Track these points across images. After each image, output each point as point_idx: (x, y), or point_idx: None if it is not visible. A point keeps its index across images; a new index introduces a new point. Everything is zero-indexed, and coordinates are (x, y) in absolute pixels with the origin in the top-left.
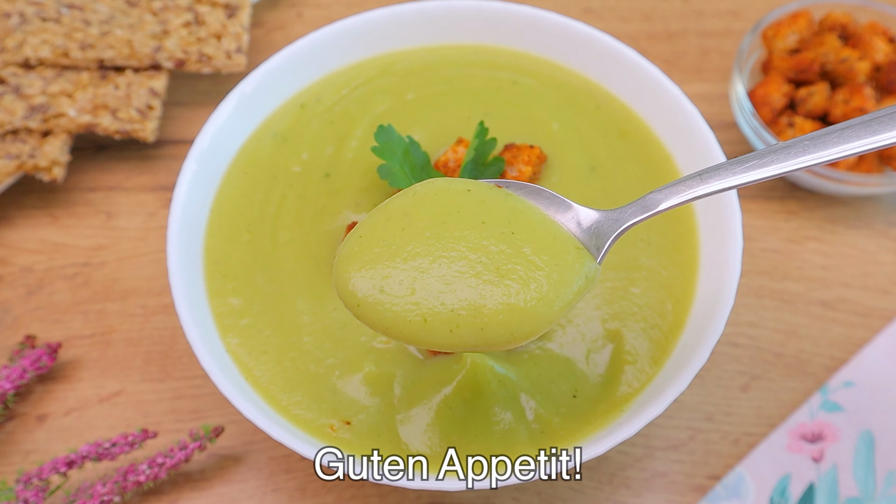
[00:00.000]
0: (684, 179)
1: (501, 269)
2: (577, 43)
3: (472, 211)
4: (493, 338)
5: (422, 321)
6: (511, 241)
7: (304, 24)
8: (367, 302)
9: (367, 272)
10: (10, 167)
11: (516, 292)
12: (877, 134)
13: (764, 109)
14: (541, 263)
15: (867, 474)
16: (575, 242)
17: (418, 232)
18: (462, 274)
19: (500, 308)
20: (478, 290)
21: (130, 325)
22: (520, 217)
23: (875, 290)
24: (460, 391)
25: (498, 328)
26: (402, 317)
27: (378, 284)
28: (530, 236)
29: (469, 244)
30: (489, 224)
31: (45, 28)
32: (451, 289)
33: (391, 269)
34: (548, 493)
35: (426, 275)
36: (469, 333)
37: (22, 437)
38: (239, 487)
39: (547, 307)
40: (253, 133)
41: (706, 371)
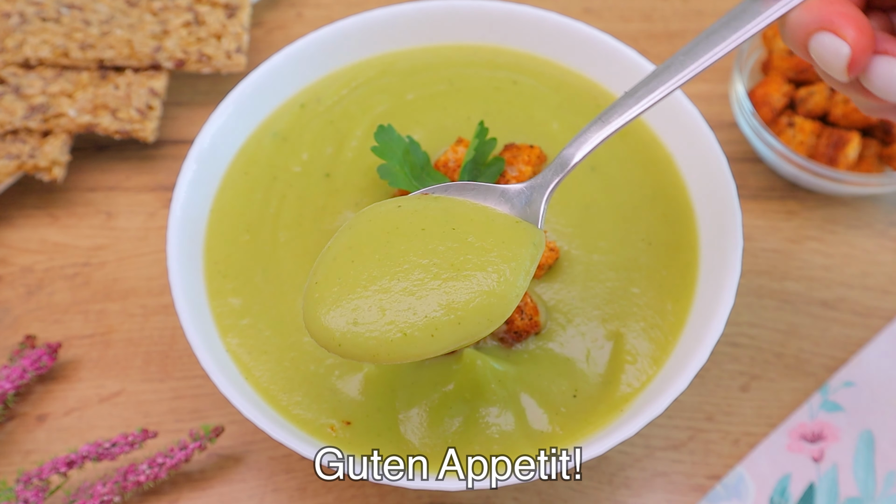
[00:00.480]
0: (587, 128)
1: (456, 263)
2: (577, 43)
3: (409, 223)
4: (473, 328)
5: (402, 336)
6: (455, 237)
7: (304, 24)
8: (346, 338)
9: (335, 312)
10: (10, 167)
11: (478, 279)
12: (737, 30)
13: (764, 109)
14: (489, 246)
15: (867, 474)
16: (512, 219)
17: (367, 259)
18: (422, 281)
19: (468, 298)
20: (442, 290)
21: (130, 325)
22: (455, 214)
23: (875, 289)
24: (460, 391)
25: (474, 318)
26: (383, 339)
27: (350, 318)
28: (470, 227)
29: (417, 252)
30: (429, 229)
31: (45, 28)
32: (417, 298)
33: (356, 301)
34: (548, 493)
35: (390, 293)
36: (449, 332)
37: (22, 437)
38: (239, 487)
39: (509, 283)
40: (253, 133)
41: (706, 371)
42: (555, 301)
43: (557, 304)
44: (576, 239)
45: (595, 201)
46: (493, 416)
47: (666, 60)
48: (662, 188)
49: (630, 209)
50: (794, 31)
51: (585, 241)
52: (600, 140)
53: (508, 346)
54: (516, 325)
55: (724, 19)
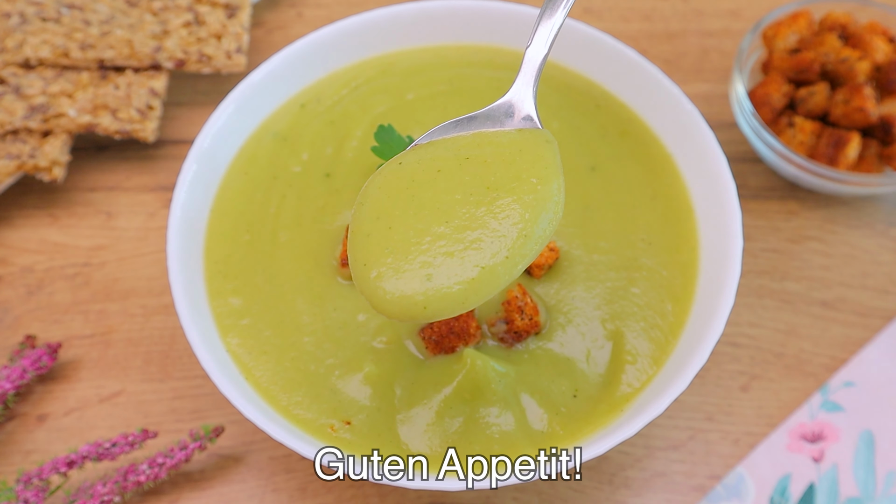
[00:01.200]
0: (537, 22)
1: (490, 185)
2: (577, 43)
3: (422, 171)
4: (539, 234)
5: (482, 270)
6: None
7: (304, 24)
8: (430, 297)
9: (404, 279)
10: (10, 167)
11: (519, 188)
12: None
13: (764, 109)
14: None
15: (867, 474)
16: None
17: (403, 219)
18: (469, 213)
19: (522, 209)
20: (494, 212)
21: (130, 325)
22: (459, 146)
23: (875, 289)
24: (460, 391)
25: (535, 225)
26: (466, 280)
27: (422, 276)
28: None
29: (448, 191)
30: (444, 168)
31: (45, 28)
32: (474, 229)
33: (419, 258)
34: (548, 493)
35: (446, 238)
36: (520, 246)
37: (22, 437)
38: (239, 487)
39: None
40: (253, 133)
41: (706, 371)
42: (555, 301)
43: (557, 304)
44: (576, 239)
45: (595, 201)
46: (494, 416)
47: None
48: (662, 188)
49: (630, 209)
50: None
51: (585, 241)
52: (557, 28)
53: (508, 346)
54: (516, 325)
55: None
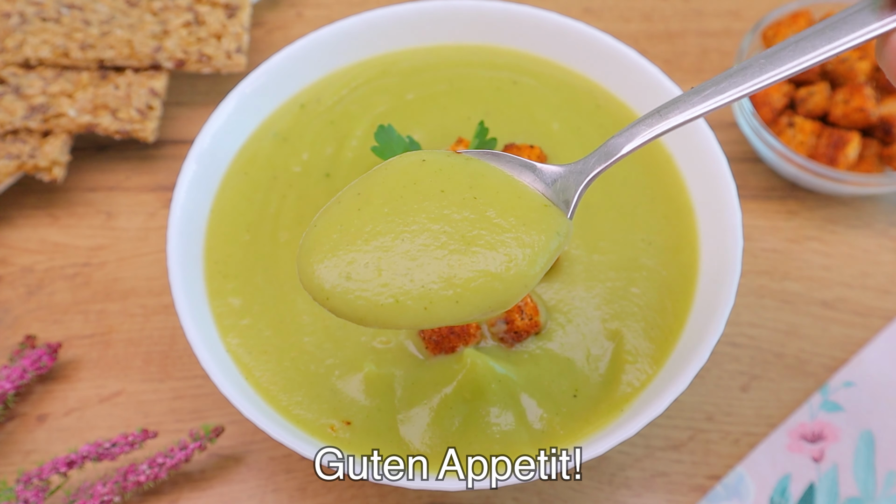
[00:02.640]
0: (643, 119)
1: (467, 236)
2: (577, 43)
3: (430, 181)
4: (470, 309)
5: (394, 302)
6: (474, 207)
7: (304, 24)
8: (335, 292)
9: (329, 261)
10: (10, 167)
11: (485, 258)
12: (832, 41)
13: (764, 109)
14: (507, 225)
15: (867, 474)
16: (542, 200)
17: (375, 210)
18: (427, 247)
19: (470, 276)
20: (446, 262)
21: (130, 325)
22: (481, 181)
23: (875, 289)
24: (460, 391)
25: (473, 299)
26: (373, 301)
27: (343, 272)
28: (493, 199)
29: (430, 215)
30: (449, 192)
31: (45, 28)
32: (418, 264)
33: (354, 254)
34: (548, 493)
35: (390, 253)
36: (444, 308)
37: (22, 437)
38: (239, 487)
39: (520, 270)
40: (253, 133)
41: (706, 371)
42: (555, 301)
43: (557, 304)
44: (576, 239)
45: (595, 201)
46: (494, 416)
47: (744, 62)
48: (662, 188)
49: (630, 209)
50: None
51: (585, 241)
52: (654, 135)
53: (508, 346)
54: (516, 325)
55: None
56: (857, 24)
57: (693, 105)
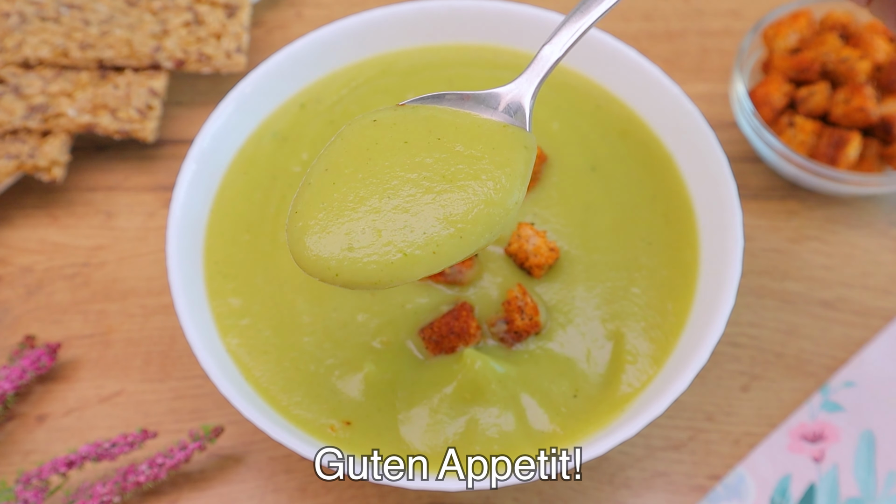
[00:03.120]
0: (565, 22)
1: (447, 175)
2: (577, 43)
3: (389, 136)
4: (475, 239)
5: (403, 257)
6: (442, 147)
7: (304, 23)
8: (343, 266)
9: (325, 239)
10: (9, 167)
11: (473, 188)
12: None
13: (764, 109)
14: (479, 154)
15: (868, 474)
16: (498, 123)
17: (350, 179)
18: (414, 196)
19: (467, 209)
20: (438, 203)
21: (130, 325)
22: (436, 123)
23: (875, 289)
24: (460, 391)
25: (475, 228)
26: (383, 262)
27: (343, 243)
28: (456, 135)
29: (404, 167)
30: (412, 141)
31: (45, 28)
32: (412, 214)
33: (347, 224)
34: (548, 493)
35: (382, 213)
36: (452, 246)
37: (22, 438)
38: (239, 488)
39: (506, 189)
40: (253, 133)
41: (706, 371)
42: (555, 301)
43: (558, 304)
44: (576, 239)
45: (595, 201)
46: (494, 416)
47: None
48: (662, 188)
49: (630, 209)
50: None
51: (585, 241)
52: (579, 32)
53: (509, 346)
54: (516, 325)
55: None
56: None
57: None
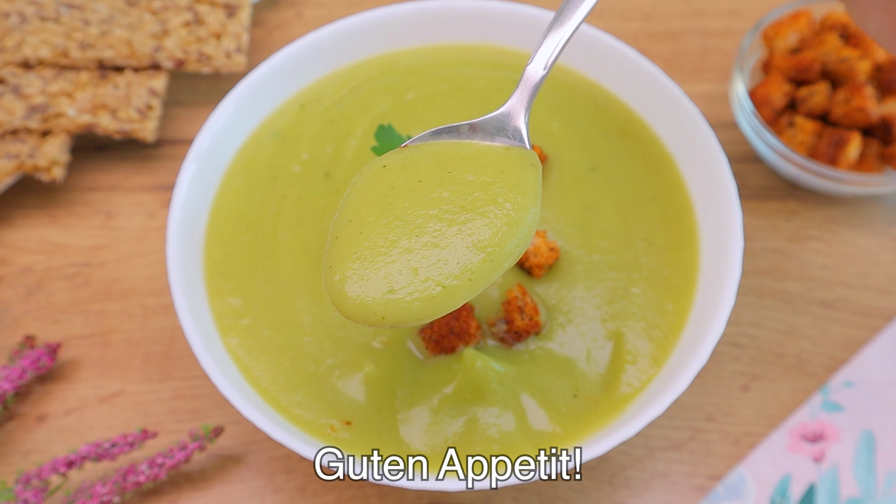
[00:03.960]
0: (545, 36)
1: (466, 204)
2: (577, 43)
3: (402, 178)
4: (504, 259)
5: (443, 290)
6: (454, 179)
7: (304, 23)
8: (388, 308)
9: (365, 286)
10: (9, 167)
11: (494, 212)
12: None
13: (764, 109)
14: (491, 180)
15: (868, 474)
16: (499, 147)
17: (375, 226)
18: (440, 231)
19: (493, 233)
20: (465, 233)
21: (130, 325)
22: (444, 157)
23: (876, 289)
24: (460, 391)
25: (503, 249)
26: (425, 297)
27: (384, 288)
28: (464, 165)
29: (424, 204)
30: (425, 179)
31: (45, 28)
32: (443, 248)
33: (384, 268)
34: (548, 494)
35: (414, 252)
36: (485, 271)
37: (22, 438)
38: (239, 487)
39: (524, 208)
40: (253, 133)
41: (707, 371)
42: (555, 301)
43: (558, 304)
44: (576, 239)
45: (595, 201)
46: (494, 416)
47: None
48: (662, 188)
49: (630, 209)
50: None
51: (585, 241)
52: (561, 44)
53: (509, 346)
54: (516, 325)
55: None
56: None
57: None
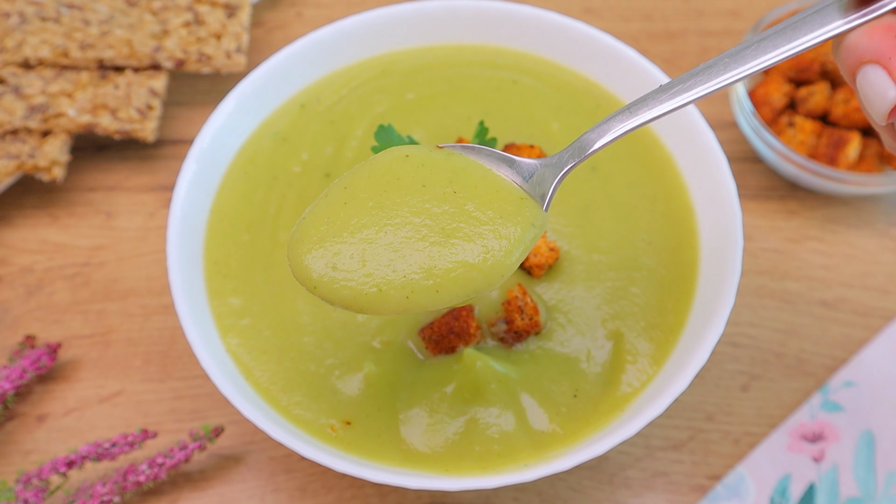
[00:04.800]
0: (615, 115)
1: (447, 229)
2: (577, 43)
3: (412, 176)
4: (450, 297)
5: (377, 291)
6: (454, 201)
7: (304, 23)
8: (323, 281)
9: (317, 252)
10: (10, 167)
11: (464, 250)
12: (792, 41)
13: (764, 109)
14: (485, 218)
15: (868, 474)
16: (519, 193)
17: (360, 204)
18: (409, 239)
19: (450, 267)
20: (426, 253)
21: (130, 325)
22: (461, 175)
23: (875, 289)
24: (460, 391)
25: (452, 287)
26: (358, 290)
27: (330, 262)
28: (472, 193)
29: (412, 209)
30: (430, 186)
31: (45, 28)
32: (400, 255)
33: (340, 245)
34: (548, 493)
35: (374, 245)
36: (425, 296)
37: (22, 437)
38: (239, 487)
39: (496, 261)
40: (253, 133)
41: (706, 371)
42: (555, 301)
43: (558, 304)
44: (576, 239)
45: (595, 201)
46: (494, 416)
47: (710, 60)
48: (662, 188)
49: (630, 209)
50: (848, 54)
51: (585, 241)
52: (625, 130)
53: (508, 346)
54: (516, 325)
55: (780, 27)
56: (822, 21)
57: (660, 102)
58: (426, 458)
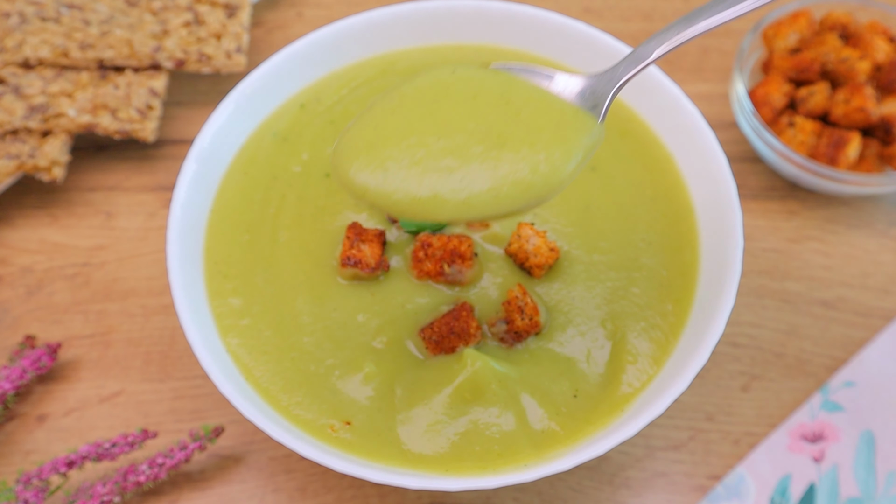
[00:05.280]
0: (672, 26)
1: (503, 134)
2: (577, 43)
3: (463, 87)
4: (509, 203)
5: (432, 196)
6: (507, 110)
7: (304, 23)
8: (371, 186)
9: (366, 157)
10: (10, 167)
11: (522, 156)
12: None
13: (764, 109)
14: (542, 125)
15: (868, 474)
16: (572, 106)
17: (409, 112)
18: (465, 144)
19: (511, 170)
20: (483, 158)
21: (130, 325)
22: (512, 87)
23: (876, 289)
24: (460, 391)
25: (512, 192)
26: (411, 194)
27: (380, 166)
28: (526, 104)
29: (465, 116)
30: (482, 96)
31: (45, 28)
32: (456, 158)
33: (391, 150)
34: (548, 493)
35: (427, 150)
36: (484, 202)
37: (22, 438)
38: (239, 487)
39: (556, 166)
40: (253, 133)
41: (707, 371)
42: (555, 301)
43: (558, 304)
44: (576, 239)
45: (595, 201)
46: (494, 416)
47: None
48: (662, 188)
49: (630, 209)
50: None
51: (585, 241)
52: (684, 39)
53: (509, 346)
54: (517, 325)
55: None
56: None
57: (719, 10)
58: (426, 458)
